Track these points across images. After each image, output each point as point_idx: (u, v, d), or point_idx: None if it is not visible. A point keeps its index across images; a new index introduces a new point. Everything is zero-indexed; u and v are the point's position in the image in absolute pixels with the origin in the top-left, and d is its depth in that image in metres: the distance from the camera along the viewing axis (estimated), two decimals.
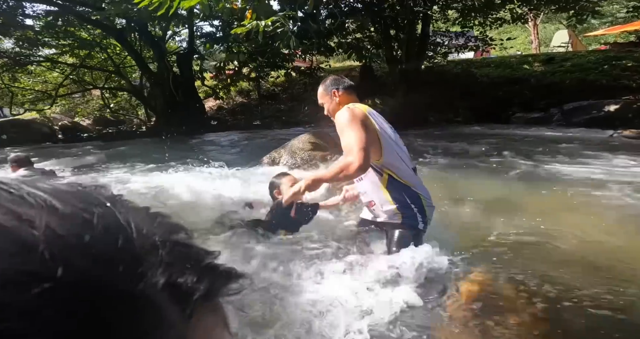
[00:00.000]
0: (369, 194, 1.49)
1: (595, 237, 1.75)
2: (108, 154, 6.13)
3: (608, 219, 1.95)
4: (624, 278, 1.39)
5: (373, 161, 1.38)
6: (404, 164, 1.44)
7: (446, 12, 10.27)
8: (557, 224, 1.98)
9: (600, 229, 1.84)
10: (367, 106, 1.49)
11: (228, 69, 11.53)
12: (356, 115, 1.36)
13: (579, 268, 1.46)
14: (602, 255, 1.57)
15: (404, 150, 1.49)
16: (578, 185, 2.70)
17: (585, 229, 1.85)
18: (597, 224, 1.89)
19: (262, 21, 3.64)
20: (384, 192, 1.43)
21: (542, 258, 1.57)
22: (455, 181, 2.77)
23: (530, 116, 7.87)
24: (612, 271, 1.44)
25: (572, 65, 10.04)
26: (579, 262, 1.52)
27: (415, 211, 1.43)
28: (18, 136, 9.28)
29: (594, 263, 1.51)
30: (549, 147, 4.49)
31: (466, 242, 1.67)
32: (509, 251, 1.63)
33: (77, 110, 14.32)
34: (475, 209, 2.18)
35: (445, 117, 8.87)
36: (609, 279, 1.37)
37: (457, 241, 1.66)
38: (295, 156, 3.51)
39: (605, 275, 1.42)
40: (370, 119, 1.40)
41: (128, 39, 10.01)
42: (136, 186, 3.27)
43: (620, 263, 1.50)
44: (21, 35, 9.42)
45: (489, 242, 1.73)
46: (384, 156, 1.38)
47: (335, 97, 1.53)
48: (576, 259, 1.54)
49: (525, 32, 22.49)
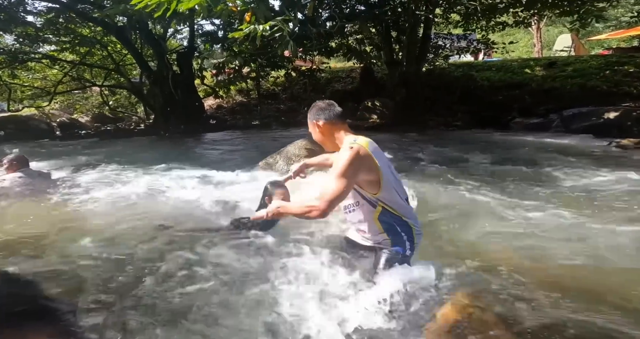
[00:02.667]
0: (360, 224, 1.51)
1: (585, 257, 1.74)
2: (105, 153, 6.13)
3: (600, 239, 1.94)
4: (615, 303, 1.38)
5: (368, 195, 1.43)
6: (398, 196, 1.46)
7: (448, 15, 10.22)
8: (548, 241, 1.97)
9: (593, 250, 1.82)
10: (368, 140, 1.45)
11: (228, 68, 11.51)
12: (358, 159, 1.35)
13: (570, 292, 1.44)
14: (593, 277, 1.56)
15: (398, 181, 1.52)
16: (569, 200, 2.69)
17: (575, 249, 1.84)
18: (589, 244, 1.88)
19: (260, 26, 3.61)
20: (376, 222, 1.46)
21: (532, 278, 1.56)
22: (443, 191, 2.76)
23: (529, 122, 7.84)
24: (600, 294, 1.43)
25: (573, 70, 10.00)
26: (569, 284, 1.51)
27: (405, 239, 1.45)
28: (16, 132, 9.27)
29: (584, 285, 1.49)
30: (546, 156, 4.47)
31: (451, 258, 1.66)
32: (497, 269, 1.62)
33: (76, 107, 14.31)
34: (463, 221, 2.17)
35: (444, 121, 8.84)
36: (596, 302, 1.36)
37: (442, 256, 1.65)
38: (291, 161, 3.50)
39: (591, 298, 1.41)
40: (373, 157, 1.40)
41: (128, 37, 9.99)
42: (128, 188, 3.26)
43: (613, 286, 1.49)
44: (22, 31, 9.39)
45: (476, 259, 1.72)
46: (381, 191, 1.41)
47: (316, 129, 1.53)
48: (566, 281, 1.53)
49: (528, 35, 22.42)
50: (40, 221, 2.36)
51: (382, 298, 1.30)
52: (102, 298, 1.45)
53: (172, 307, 1.40)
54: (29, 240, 2.04)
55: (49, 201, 2.86)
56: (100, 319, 1.31)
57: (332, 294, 1.41)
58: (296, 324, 1.26)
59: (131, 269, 1.67)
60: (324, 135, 1.51)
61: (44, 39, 10.09)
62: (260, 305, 1.39)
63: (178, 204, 2.73)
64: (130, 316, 1.35)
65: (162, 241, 2.00)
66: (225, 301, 1.42)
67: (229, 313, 1.36)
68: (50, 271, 1.68)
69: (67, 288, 1.55)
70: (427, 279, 1.37)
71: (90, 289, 1.52)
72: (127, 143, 7.97)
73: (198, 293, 1.47)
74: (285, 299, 1.39)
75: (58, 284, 1.57)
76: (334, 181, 1.34)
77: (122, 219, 2.39)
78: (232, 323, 1.30)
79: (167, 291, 1.49)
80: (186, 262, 1.72)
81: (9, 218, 2.47)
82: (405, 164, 4.14)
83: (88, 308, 1.39)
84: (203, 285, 1.53)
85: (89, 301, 1.43)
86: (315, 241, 1.90)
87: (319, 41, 8.49)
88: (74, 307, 1.39)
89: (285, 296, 1.41)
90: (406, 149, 5.28)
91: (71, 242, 2.00)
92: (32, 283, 1.57)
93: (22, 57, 10.07)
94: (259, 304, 1.40)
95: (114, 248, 1.92)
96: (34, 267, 1.71)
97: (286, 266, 1.63)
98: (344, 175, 1.33)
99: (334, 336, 1.19)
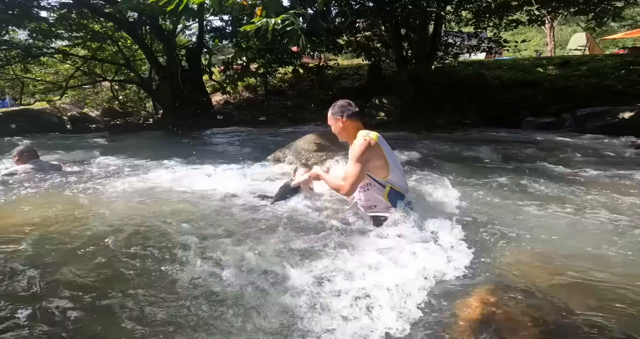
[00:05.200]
0: (371, 201, 1.87)
1: (614, 259, 1.69)
2: (116, 146, 6.19)
3: (621, 242, 1.88)
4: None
5: (379, 178, 1.79)
6: (401, 178, 1.85)
7: (460, 12, 10.06)
8: (566, 244, 1.92)
9: (622, 251, 1.77)
10: (378, 134, 1.79)
11: (236, 63, 11.53)
12: (370, 148, 1.72)
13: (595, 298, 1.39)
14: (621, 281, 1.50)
15: (399, 167, 1.88)
16: (585, 199, 2.63)
17: (597, 251, 1.79)
18: (610, 247, 1.83)
19: (272, 19, 3.60)
20: (385, 199, 1.83)
21: (553, 279, 1.52)
22: (458, 190, 2.71)
23: (541, 121, 7.69)
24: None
25: (587, 69, 9.78)
26: (596, 290, 1.45)
27: (403, 204, 1.84)
28: (27, 125, 9.43)
29: (613, 288, 1.43)
30: (559, 155, 4.38)
31: (473, 256, 1.63)
32: (518, 268, 1.58)
33: (87, 101, 14.51)
34: (477, 222, 2.13)
35: (453, 119, 8.73)
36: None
37: (463, 255, 1.62)
38: (300, 156, 3.49)
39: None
40: (381, 147, 1.76)
41: (139, 33, 10.06)
42: (140, 180, 3.28)
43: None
44: (35, 27, 9.53)
45: (497, 256, 1.69)
46: (390, 175, 1.78)
47: (339, 123, 1.86)
48: (592, 286, 1.48)
49: (541, 33, 22.01)
50: (53, 212, 2.39)
51: (405, 288, 1.29)
52: (124, 290, 1.45)
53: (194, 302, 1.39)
54: (40, 232, 2.06)
55: (60, 193, 2.88)
56: (127, 313, 1.31)
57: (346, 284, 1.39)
58: (317, 317, 1.25)
59: (149, 262, 1.66)
60: (343, 129, 1.84)
61: (56, 35, 10.23)
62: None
63: (191, 196, 2.74)
64: (151, 309, 1.35)
65: (181, 231, 1.99)
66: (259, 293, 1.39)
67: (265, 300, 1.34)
68: (59, 262, 1.68)
69: (82, 280, 1.56)
70: (450, 269, 1.39)
71: (106, 282, 1.52)
72: (136, 137, 8.05)
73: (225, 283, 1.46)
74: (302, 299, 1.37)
75: (72, 276, 1.58)
76: (353, 166, 1.70)
77: (136, 211, 2.40)
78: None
79: (189, 285, 1.48)
80: (209, 250, 1.71)
81: (22, 209, 2.50)
82: (415, 161, 4.09)
83: (107, 302, 1.39)
84: (229, 274, 1.51)
85: (104, 293, 1.43)
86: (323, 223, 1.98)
87: (328, 37, 8.45)
88: (90, 300, 1.39)
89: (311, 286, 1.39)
90: (414, 146, 5.22)
91: (84, 233, 2.01)
92: (41, 276, 1.57)
93: (35, 52, 10.23)
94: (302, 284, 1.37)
95: (129, 239, 1.92)
96: (44, 259, 1.73)
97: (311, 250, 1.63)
98: (360, 160, 1.70)
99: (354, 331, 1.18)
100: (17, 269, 1.61)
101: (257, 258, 1.63)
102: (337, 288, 1.37)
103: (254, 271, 1.53)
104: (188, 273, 1.53)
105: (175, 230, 2.01)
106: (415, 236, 1.69)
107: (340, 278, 1.43)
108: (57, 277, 1.54)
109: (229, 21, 9.91)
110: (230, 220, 2.17)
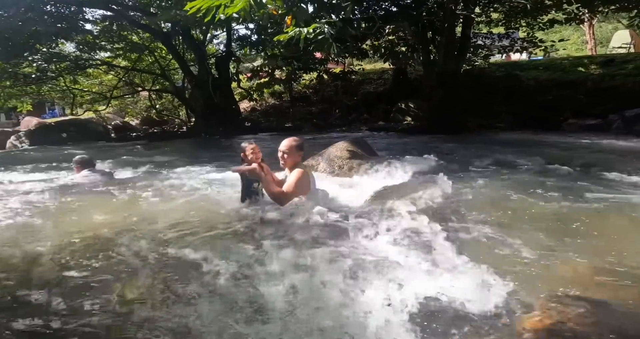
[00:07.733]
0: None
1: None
2: (157, 153, 6.47)
3: None
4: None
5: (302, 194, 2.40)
6: (315, 191, 2.51)
7: (489, 13, 9.73)
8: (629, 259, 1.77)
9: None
10: (308, 166, 2.61)
11: (262, 71, 11.86)
12: (305, 176, 2.38)
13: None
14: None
15: (316, 184, 2.54)
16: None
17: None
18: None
19: (304, 28, 3.68)
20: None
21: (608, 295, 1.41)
22: (494, 198, 2.58)
23: (585, 123, 7.20)
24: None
25: (634, 67, 9.07)
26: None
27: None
28: (76, 134, 10.22)
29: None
30: (612, 160, 4.02)
31: (520, 276, 1.54)
32: (579, 278, 1.48)
33: (127, 110, 15.51)
34: (536, 229, 2.01)
35: (485, 122, 8.40)
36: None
37: (509, 273, 1.54)
38: (333, 164, 3.50)
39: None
40: (309, 176, 2.45)
41: (173, 43, 10.65)
42: (189, 187, 3.40)
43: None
44: (81, 39, 10.38)
45: (556, 265, 1.59)
46: (310, 191, 2.45)
47: (298, 155, 2.46)
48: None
49: (578, 31, 20.69)
50: (110, 217, 2.52)
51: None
52: (173, 295, 1.50)
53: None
54: (101, 237, 2.16)
55: (115, 199, 3.06)
56: (172, 314, 1.36)
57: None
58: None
59: (203, 268, 1.67)
60: (295, 160, 2.42)
61: (100, 46, 11.10)
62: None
63: (235, 202, 2.76)
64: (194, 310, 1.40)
65: (233, 237, 2.02)
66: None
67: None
68: (116, 266, 1.77)
69: (131, 283, 1.63)
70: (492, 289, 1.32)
71: (158, 286, 1.57)
72: (174, 145, 8.40)
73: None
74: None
75: (124, 279, 1.66)
76: (294, 184, 2.32)
77: (187, 216, 2.44)
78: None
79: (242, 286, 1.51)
80: (263, 256, 1.74)
81: (82, 214, 2.67)
82: (447, 165, 3.92)
83: (157, 304, 1.45)
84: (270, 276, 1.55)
85: (157, 298, 1.47)
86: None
87: (353, 43, 8.47)
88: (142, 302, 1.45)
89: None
90: (445, 150, 5.04)
91: (141, 239, 2.05)
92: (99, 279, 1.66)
93: (83, 64, 11.13)
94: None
95: (182, 245, 1.97)
96: (106, 264, 1.80)
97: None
98: (298, 182, 2.33)
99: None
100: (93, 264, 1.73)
101: (258, 258, 1.66)
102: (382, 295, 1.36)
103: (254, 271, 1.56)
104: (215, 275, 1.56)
105: (213, 234, 2.07)
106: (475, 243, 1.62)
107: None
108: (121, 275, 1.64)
109: (254, 29, 10.21)
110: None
